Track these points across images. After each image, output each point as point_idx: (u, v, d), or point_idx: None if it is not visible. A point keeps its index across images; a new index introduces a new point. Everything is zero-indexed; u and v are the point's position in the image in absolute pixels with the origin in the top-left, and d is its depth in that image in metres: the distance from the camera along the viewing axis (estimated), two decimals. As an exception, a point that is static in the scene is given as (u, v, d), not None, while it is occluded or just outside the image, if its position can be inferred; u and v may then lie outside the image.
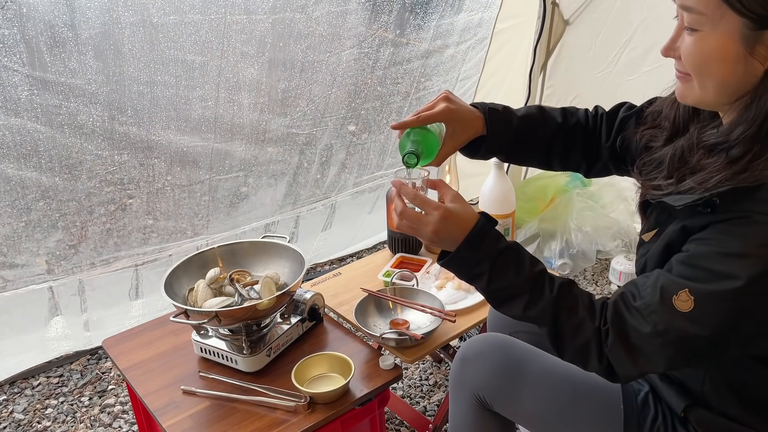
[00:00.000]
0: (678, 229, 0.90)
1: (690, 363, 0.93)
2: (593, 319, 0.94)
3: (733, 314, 0.82)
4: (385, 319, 1.53)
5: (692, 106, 0.97)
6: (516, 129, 1.14)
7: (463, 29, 2.56)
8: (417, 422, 1.80)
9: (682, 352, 0.87)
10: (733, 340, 0.85)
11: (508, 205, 1.76)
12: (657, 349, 0.88)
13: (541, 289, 0.97)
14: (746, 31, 0.81)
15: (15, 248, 1.95)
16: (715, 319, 0.83)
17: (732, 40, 0.82)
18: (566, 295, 0.97)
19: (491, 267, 0.98)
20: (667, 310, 0.86)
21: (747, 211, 0.80)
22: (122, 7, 1.78)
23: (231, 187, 2.31)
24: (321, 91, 2.34)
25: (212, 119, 2.12)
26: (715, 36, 0.83)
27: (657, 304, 0.87)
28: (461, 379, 1.20)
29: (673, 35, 0.89)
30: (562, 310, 0.96)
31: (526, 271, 0.99)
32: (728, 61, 0.84)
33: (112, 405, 1.98)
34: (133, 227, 2.15)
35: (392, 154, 2.74)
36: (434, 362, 2.13)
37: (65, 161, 1.90)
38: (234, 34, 2.01)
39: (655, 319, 0.87)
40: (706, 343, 0.85)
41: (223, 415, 1.26)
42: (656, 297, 0.87)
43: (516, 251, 1.00)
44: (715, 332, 0.84)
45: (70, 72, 1.77)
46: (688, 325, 0.84)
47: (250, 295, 1.38)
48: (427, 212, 1.00)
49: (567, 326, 0.95)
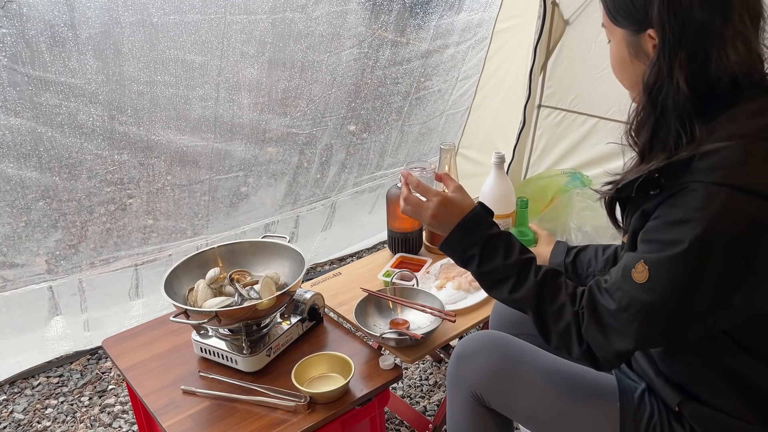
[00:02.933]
0: (638, 215, 0.96)
1: (660, 338, 0.96)
2: (573, 304, 1.01)
3: (684, 278, 0.87)
4: (385, 319, 1.53)
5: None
6: None
7: (463, 29, 2.56)
8: (417, 422, 1.80)
9: (648, 324, 0.92)
10: (693, 308, 0.89)
11: (508, 205, 1.76)
12: (625, 325, 0.93)
13: (526, 274, 1.04)
14: (629, 38, 0.95)
15: (15, 248, 1.95)
16: (668, 285, 0.88)
17: (623, 46, 0.97)
18: (550, 281, 1.04)
19: (482, 249, 1.07)
20: (628, 285, 0.93)
21: (685, 182, 0.87)
22: (122, 7, 1.78)
23: (231, 187, 2.31)
24: (321, 91, 2.34)
25: (212, 119, 2.12)
26: (615, 44, 0.99)
27: (620, 281, 0.94)
28: (458, 376, 1.21)
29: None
30: (545, 294, 1.02)
31: (515, 256, 1.06)
32: (624, 64, 0.99)
33: (112, 405, 1.98)
34: (133, 227, 2.15)
35: (392, 154, 2.74)
36: (434, 362, 2.12)
37: (65, 161, 1.90)
38: (234, 34, 2.01)
39: (620, 295, 0.94)
40: (667, 313, 0.90)
41: (223, 415, 1.26)
42: (619, 275, 0.95)
43: (507, 238, 1.09)
44: (671, 300, 0.89)
45: (70, 72, 1.77)
46: (646, 295, 0.90)
47: (250, 295, 1.38)
48: (428, 198, 1.14)
49: (549, 311, 1.02)
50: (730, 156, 0.84)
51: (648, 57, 0.94)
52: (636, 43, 0.95)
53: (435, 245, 1.86)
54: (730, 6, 0.86)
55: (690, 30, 0.87)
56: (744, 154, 0.84)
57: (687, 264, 0.86)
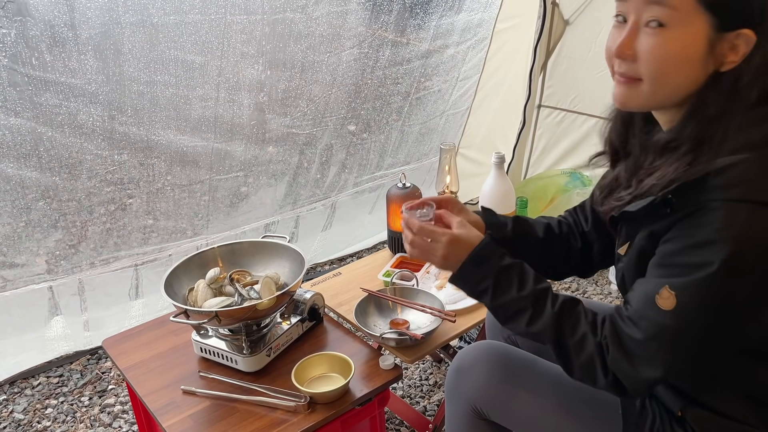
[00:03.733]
0: (646, 236, 0.92)
1: (690, 363, 0.92)
2: (595, 334, 0.95)
3: (714, 301, 0.84)
4: (385, 319, 1.53)
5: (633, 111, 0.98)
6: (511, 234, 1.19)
7: (463, 29, 2.56)
8: (417, 422, 1.80)
9: (678, 351, 0.88)
10: (723, 330, 0.86)
11: (508, 205, 1.76)
12: (654, 354, 0.89)
13: (543, 305, 0.99)
14: (712, 32, 0.83)
15: (15, 248, 1.96)
16: (698, 309, 0.84)
17: (699, 41, 0.83)
18: (568, 311, 0.98)
19: (495, 282, 1.02)
20: (654, 313, 0.87)
21: (702, 202, 0.82)
22: (122, 7, 1.78)
23: (231, 187, 2.31)
24: (321, 91, 2.34)
25: (212, 119, 2.12)
26: (684, 35, 0.83)
27: (644, 309, 0.89)
28: (457, 389, 1.19)
29: (629, 34, 0.87)
30: (565, 325, 0.97)
31: (529, 287, 1.01)
32: (690, 62, 0.85)
33: (112, 405, 1.98)
34: (133, 227, 2.15)
35: (392, 154, 2.74)
36: (434, 362, 2.13)
37: (65, 161, 1.90)
38: (234, 34, 2.01)
39: (645, 324, 0.89)
40: (697, 338, 0.86)
41: (223, 415, 1.26)
42: (642, 302, 0.90)
43: (520, 268, 1.03)
44: (701, 324, 0.85)
45: (70, 72, 1.77)
46: (675, 322, 0.86)
47: (250, 295, 1.38)
48: (435, 239, 1.06)
49: (570, 342, 0.96)
50: (746, 170, 0.81)
51: (720, 58, 0.84)
52: (715, 40, 0.83)
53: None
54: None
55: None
56: (760, 167, 0.81)
57: (717, 286, 0.82)
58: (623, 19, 0.89)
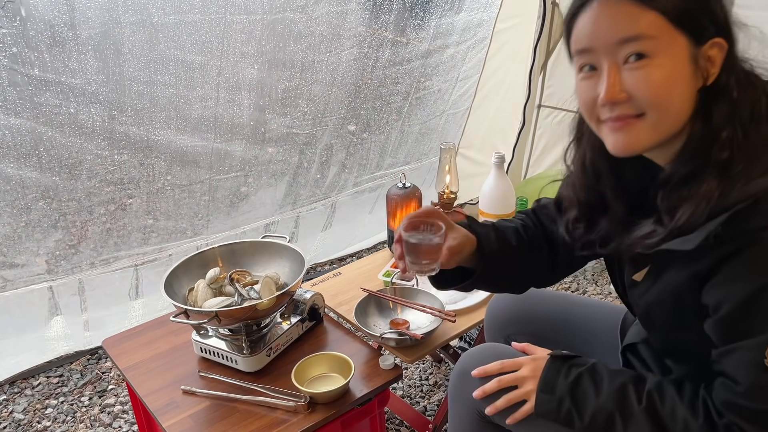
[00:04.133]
0: (687, 276, 0.85)
1: None
2: (696, 416, 0.87)
3: None
4: (385, 319, 1.53)
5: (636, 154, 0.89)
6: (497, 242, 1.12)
7: (463, 29, 2.56)
8: (417, 422, 1.80)
9: None
10: None
11: (508, 205, 1.76)
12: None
13: (629, 404, 0.92)
14: (691, 49, 0.81)
15: (15, 248, 1.96)
16: None
17: (684, 60, 0.81)
18: (660, 400, 0.91)
19: (573, 402, 0.97)
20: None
21: (753, 232, 0.76)
22: (122, 7, 1.78)
23: (231, 187, 2.31)
24: (321, 91, 2.34)
25: (212, 119, 2.12)
26: (669, 59, 0.80)
27: (761, 378, 0.80)
28: (461, 393, 1.18)
29: (613, 77, 0.83)
30: (662, 419, 0.89)
31: (605, 389, 0.95)
32: (682, 83, 0.82)
33: (112, 405, 1.98)
34: (133, 227, 2.15)
35: (392, 154, 2.74)
36: (434, 362, 2.12)
37: (65, 161, 1.90)
38: (234, 34, 2.01)
39: (761, 398, 0.81)
40: None
41: (223, 415, 1.26)
42: (752, 373, 0.80)
43: (590, 373, 0.98)
44: None
45: (70, 72, 1.77)
46: None
47: (250, 295, 1.38)
48: (518, 366, 1.05)
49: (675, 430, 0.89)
50: None
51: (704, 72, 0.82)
52: (696, 55, 0.81)
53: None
54: None
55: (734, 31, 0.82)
56: None
57: None
58: (591, 68, 0.86)
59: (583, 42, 0.86)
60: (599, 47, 0.83)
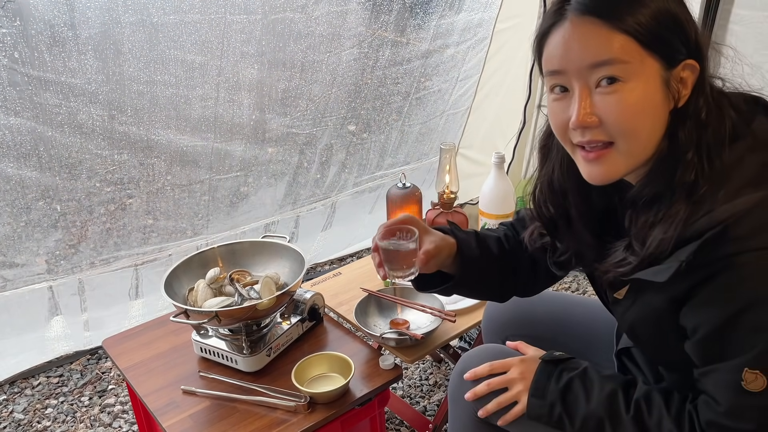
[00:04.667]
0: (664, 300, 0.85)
1: None
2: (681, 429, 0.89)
3: None
4: (385, 319, 1.53)
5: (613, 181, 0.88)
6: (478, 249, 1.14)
7: (463, 29, 2.56)
8: (417, 422, 1.80)
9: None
10: None
11: (508, 205, 1.76)
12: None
13: (617, 411, 0.94)
14: (663, 72, 0.80)
15: (15, 248, 1.95)
16: None
17: (655, 84, 0.80)
18: (648, 410, 0.92)
19: (564, 406, 0.98)
20: (751, 399, 0.80)
21: (724, 257, 0.76)
22: (122, 7, 1.78)
23: (231, 187, 2.31)
24: (321, 91, 2.34)
25: (212, 119, 2.12)
26: (640, 83, 0.80)
27: (739, 400, 0.81)
28: (462, 394, 1.18)
29: (582, 101, 0.82)
30: (649, 429, 0.91)
31: (596, 395, 0.96)
32: (654, 107, 0.81)
33: (112, 405, 1.98)
34: (133, 227, 2.15)
35: (392, 153, 2.74)
36: (434, 362, 2.12)
37: (65, 161, 1.90)
38: (234, 34, 2.01)
39: (750, 414, 0.82)
40: None
41: (223, 415, 1.26)
42: (732, 395, 0.82)
43: (581, 378, 0.99)
44: None
45: (69, 71, 1.77)
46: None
47: (250, 295, 1.38)
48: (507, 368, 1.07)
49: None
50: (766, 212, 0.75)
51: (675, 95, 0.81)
52: (668, 79, 0.81)
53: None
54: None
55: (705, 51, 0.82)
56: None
57: None
58: (562, 89, 0.86)
59: (554, 64, 0.85)
60: (570, 70, 0.83)
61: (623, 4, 0.79)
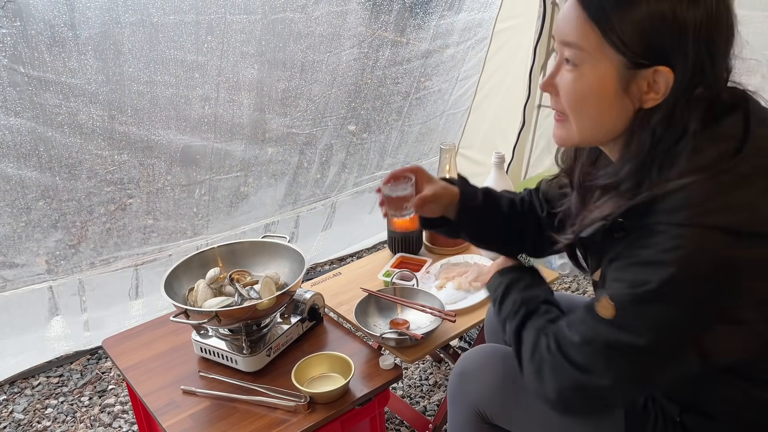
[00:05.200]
0: (606, 263, 0.92)
1: (635, 379, 0.89)
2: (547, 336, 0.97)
3: (650, 318, 0.83)
4: (385, 319, 1.53)
5: (572, 148, 1.00)
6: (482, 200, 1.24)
7: (463, 29, 2.56)
8: (417, 422, 1.80)
9: (618, 361, 0.87)
10: (661, 352, 0.84)
11: (508, 205, 1.76)
12: (590, 359, 0.88)
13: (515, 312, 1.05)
14: (623, 70, 0.84)
15: (15, 248, 1.95)
16: (639, 323, 0.83)
17: (609, 78, 0.85)
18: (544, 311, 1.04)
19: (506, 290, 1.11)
20: (592, 319, 0.88)
21: (650, 224, 0.83)
22: (122, 7, 1.78)
23: (231, 187, 2.31)
24: (321, 91, 2.34)
25: (212, 119, 2.12)
26: (594, 73, 0.85)
27: (585, 315, 0.90)
28: (460, 393, 1.19)
29: (553, 70, 0.91)
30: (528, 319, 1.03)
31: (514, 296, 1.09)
32: (605, 99, 0.86)
33: (112, 405, 1.98)
34: (133, 227, 2.15)
35: (392, 154, 2.74)
36: (434, 362, 2.12)
37: (65, 161, 1.90)
38: (234, 34, 2.01)
39: (582, 329, 0.90)
40: (640, 352, 0.85)
41: (223, 415, 1.26)
42: (583, 309, 0.91)
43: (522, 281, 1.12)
44: (637, 340, 0.83)
45: (69, 72, 1.77)
46: (613, 331, 0.85)
47: (250, 295, 1.38)
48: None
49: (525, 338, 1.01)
50: (691, 194, 0.80)
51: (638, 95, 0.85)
52: (629, 78, 0.84)
53: (435, 245, 1.86)
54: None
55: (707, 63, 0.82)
56: (706, 191, 0.80)
57: (655, 306, 0.82)
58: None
59: (554, 30, 0.94)
60: (556, 40, 0.91)
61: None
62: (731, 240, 0.78)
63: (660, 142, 0.85)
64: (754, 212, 0.79)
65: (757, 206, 0.80)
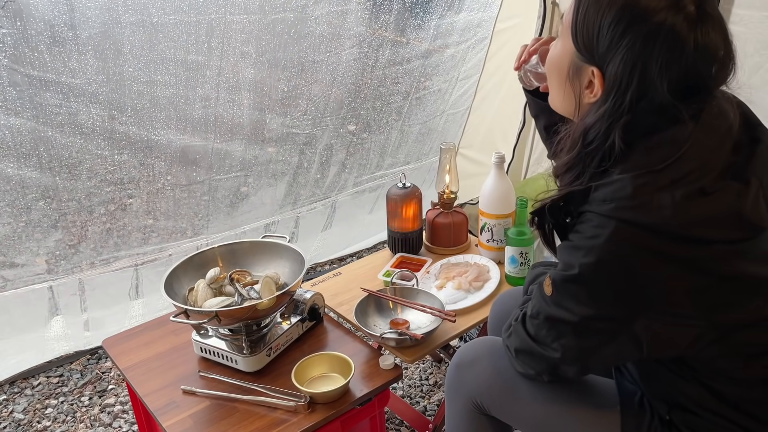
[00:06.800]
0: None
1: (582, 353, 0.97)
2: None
3: (578, 301, 0.92)
4: (385, 319, 1.53)
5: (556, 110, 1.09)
6: None
7: (463, 29, 2.56)
8: (417, 422, 1.80)
9: (561, 336, 0.96)
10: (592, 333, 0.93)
11: (508, 205, 1.76)
12: (536, 330, 1.00)
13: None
14: (575, 57, 0.94)
15: (15, 248, 1.95)
16: (569, 303, 0.93)
17: (566, 57, 0.96)
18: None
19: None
20: (539, 296, 1.00)
21: (584, 211, 0.92)
22: (122, 7, 1.78)
23: (231, 187, 2.31)
24: (321, 91, 2.34)
25: (212, 119, 2.12)
26: (561, 46, 0.98)
27: (537, 292, 1.02)
28: (457, 385, 1.20)
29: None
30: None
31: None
32: (561, 76, 0.98)
33: (112, 405, 1.98)
34: (133, 227, 2.15)
35: (392, 154, 2.74)
36: (434, 362, 2.13)
37: (65, 161, 1.90)
38: (234, 34, 2.01)
39: (533, 303, 1.02)
40: (575, 330, 0.94)
41: (223, 414, 1.26)
42: (537, 288, 1.02)
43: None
44: (576, 317, 0.93)
45: (70, 72, 1.77)
46: (551, 308, 0.96)
47: (250, 295, 1.38)
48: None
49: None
50: (619, 189, 0.87)
51: (579, 89, 0.95)
52: (578, 68, 0.95)
53: (435, 245, 1.86)
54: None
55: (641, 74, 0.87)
56: (634, 188, 0.86)
57: (579, 288, 0.91)
58: None
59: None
60: None
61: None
62: (646, 237, 0.84)
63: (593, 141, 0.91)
64: (676, 214, 0.84)
65: (679, 209, 0.84)
